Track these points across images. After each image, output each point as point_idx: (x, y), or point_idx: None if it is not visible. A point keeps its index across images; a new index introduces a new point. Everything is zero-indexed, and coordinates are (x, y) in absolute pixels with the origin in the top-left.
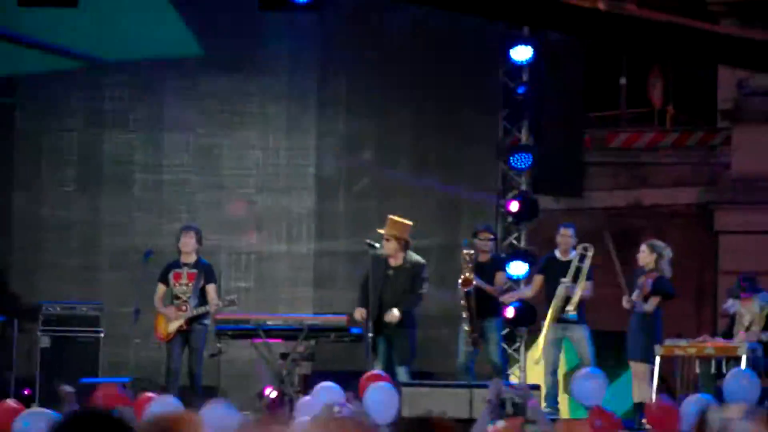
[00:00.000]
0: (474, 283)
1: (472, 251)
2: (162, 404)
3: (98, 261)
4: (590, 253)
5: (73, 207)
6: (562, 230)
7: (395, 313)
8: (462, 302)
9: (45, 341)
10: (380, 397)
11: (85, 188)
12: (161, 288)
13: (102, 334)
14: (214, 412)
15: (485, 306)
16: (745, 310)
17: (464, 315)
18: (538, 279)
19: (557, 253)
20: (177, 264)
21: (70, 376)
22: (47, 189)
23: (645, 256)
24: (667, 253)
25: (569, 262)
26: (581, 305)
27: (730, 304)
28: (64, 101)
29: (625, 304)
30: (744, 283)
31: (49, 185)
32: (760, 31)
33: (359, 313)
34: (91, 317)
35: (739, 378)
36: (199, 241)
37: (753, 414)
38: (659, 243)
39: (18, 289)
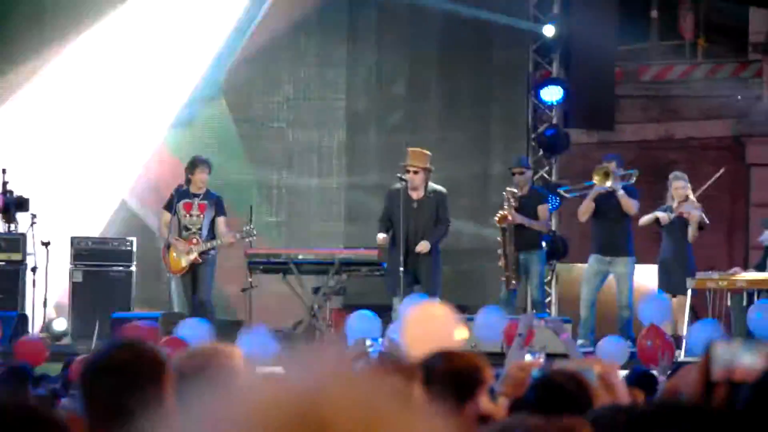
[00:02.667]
0: (509, 219)
1: (515, 189)
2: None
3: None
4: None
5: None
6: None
7: (425, 243)
8: (498, 239)
9: (77, 276)
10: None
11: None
12: (166, 215)
13: (134, 269)
14: (252, 338)
15: (527, 239)
16: None
17: (499, 252)
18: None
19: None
20: (187, 194)
21: (102, 311)
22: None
23: (683, 186)
24: None
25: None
26: (629, 236)
27: (766, 236)
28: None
29: (665, 219)
30: None
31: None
32: None
33: (381, 239)
34: (123, 252)
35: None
36: (209, 173)
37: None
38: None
39: (50, 223)
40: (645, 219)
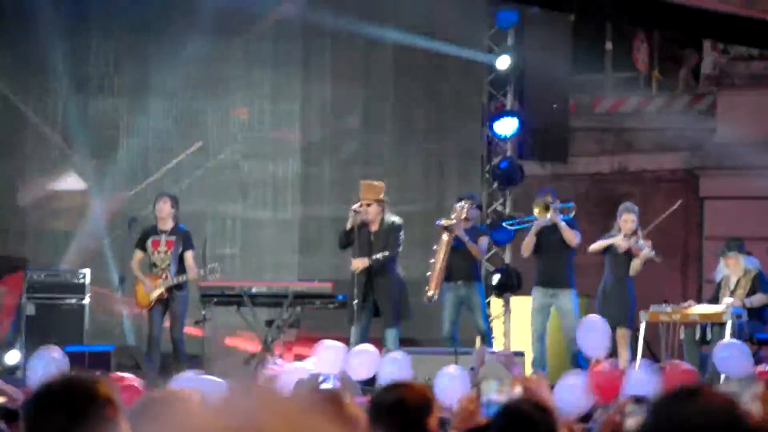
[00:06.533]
0: (453, 228)
1: (467, 206)
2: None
3: (84, 228)
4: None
5: (58, 173)
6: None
7: (360, 261)
8: (441, 245)
9: (30, 308)
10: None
11: (71, 153)
12: (138, 254)
13: (86, 301)
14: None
15: (465, 270)
16: (731, 271)
17: (433, 261)
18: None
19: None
20: (155, 231)
21: (55, 344)
22: (32, 155)
23: (633, 219)
24: None
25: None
26: (570, 269)
27: (718, 270)
28: (50, 66)
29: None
30: (731, 242)
31: (34, 150)
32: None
33: (360, 263)
34: (77, 284)
35: (731, 349)
36: (174, 206)
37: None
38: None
39: (3, 256)
40: (596, 245)
